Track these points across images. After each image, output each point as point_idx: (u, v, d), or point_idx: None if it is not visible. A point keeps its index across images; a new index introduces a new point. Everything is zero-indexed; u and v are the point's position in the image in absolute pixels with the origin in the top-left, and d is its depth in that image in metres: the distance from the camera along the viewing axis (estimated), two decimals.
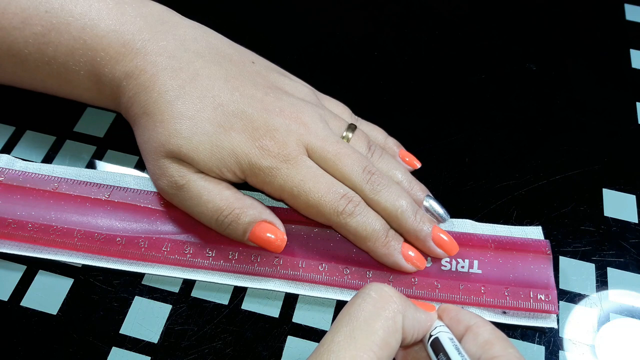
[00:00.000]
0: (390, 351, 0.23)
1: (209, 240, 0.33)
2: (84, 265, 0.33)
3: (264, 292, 0.32)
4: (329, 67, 0.43)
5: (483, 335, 0.25)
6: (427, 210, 0.33)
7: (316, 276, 0.32)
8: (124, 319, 0.31)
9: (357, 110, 0.37)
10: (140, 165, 0.37)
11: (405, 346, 0.26)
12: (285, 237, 0.32)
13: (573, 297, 0.33)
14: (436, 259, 0.33)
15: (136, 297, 0.32)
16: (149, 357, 0.30)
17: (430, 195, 0.34)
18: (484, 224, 0.35)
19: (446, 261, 0.33)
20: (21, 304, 0.32)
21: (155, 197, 0.34)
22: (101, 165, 0.37)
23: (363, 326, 0.23)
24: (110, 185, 0.35)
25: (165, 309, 0.32)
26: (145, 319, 0.31)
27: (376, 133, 0.37)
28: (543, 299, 0.31)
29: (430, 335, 0.25)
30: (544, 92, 0.42)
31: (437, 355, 0.24)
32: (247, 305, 0.32)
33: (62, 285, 0.32)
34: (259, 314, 0.32)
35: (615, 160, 0.38)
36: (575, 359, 0.31)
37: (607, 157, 0.38)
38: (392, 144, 0.37)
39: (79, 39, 0.32)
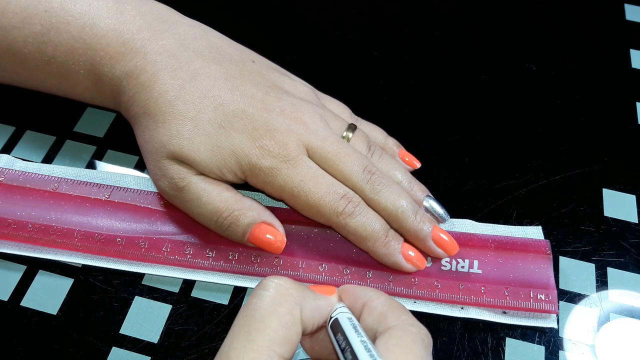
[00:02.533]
0: (292, 345, 0.23)
1: (209, 241, 0.33)
2: (84, 266, 0.33)
3: None
4: (329, 67, 0.43)
5: (377, 308, 0.24)
6: (427, 210, 0.33)
7: (316, 276, 0.32)
8: (124, 319, 0.31)
9: (357, 110, 0.37)
10: (141, 166, 0.37)
11: (310, 333, 0.26)
12: (284, 238, 0.32)
13: (573, 297, 0.33)
14: (436, 259, 0.33)
15: (136, 297, 0.32)
16: (149, 357, 0.30)
17: (430, 195, 0.34)
18: (484, 224, 0.35)
19: (446, 261, 0.33)
20: (21, 304, 0.32)
21: (155, 197, 0.34)
22: (101, 165, 0.37)
23: (260, 326, 0.22)
24: (111, 186, 0.35)
25: (165, 309, 0.32)
26: (145, 319, 0.31)
27: (376, 133, 0.37)
28: (543, 299, 0.31)
29: (330, 318, 0.25)
30: (544, 92, 0.42)
31: (335, 336, 0.24)
32: None
33: (62, 285, 0.32)
34: None
35: (615, 160, 0.38)
36: (575, 359, 0.31)
37: (607, 157, 0.38)
38: (392, 144, 0.37)
39: (78, 38, 0.32)
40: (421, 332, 0.23)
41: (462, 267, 0.32)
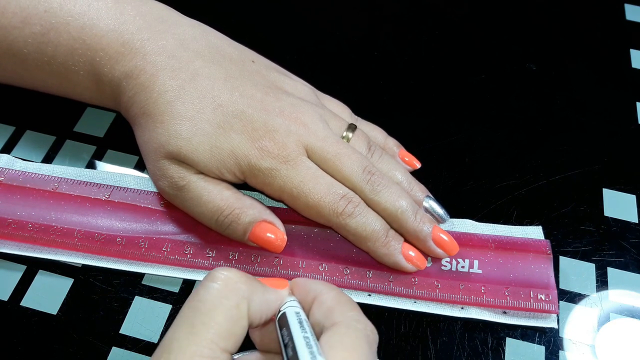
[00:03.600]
0: (237, 339, 0.22)
1: (209, 241, 0.33)
2: (84, 265, 0.33)
3: None
4: (329, 67, 0.43)
5: (326, 302, 0.24)
6: (427, 210, 0.33)
7: (316, 276, 0.32)
8: (124, 319, 0.31)
9: (357, 110, 0.37)
10: (140, 166, 0.37)
11: (260, 327, 0.26)
12: (285, 237, 0.32)
13: (573, 297, 0.33)
14: (436, 259, 0.33)
15: (136, 297, 0.32)
16: (149, 357, 0.30)
17: (430, 195, 0.34)
18: (484, 224, 0.35)
19: (446, 261, 0.33)
20: (21, 304, 0.32)
21: (155, 197, 0.34)
22: (101, 165, 0.37)
23: (204, 319, 0.22)
24: (111, 186, 0.35)
25: (165, 309, 0.32)
26: (145, 319, 0.31)
27: (376, 133, 0.37)
28: (543, 298, 0.31)
29: (279, 312, 0.25)
30: (544, 92, 0.42)
31: (281, 330, 0.23)
32: None
33: (62, 285, 0.32)
34: None
35: (615, 160, 0.38)
36: (575, 359, 0.31)
37: (607, 157, 0.38)
38: (392, 144, 0.37)
39: (78, 38, 0.32)
40: (367, 328, 0.23)
41: (463, 267, 0.32)
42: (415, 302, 0.32)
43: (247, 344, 0.24)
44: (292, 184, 0.31)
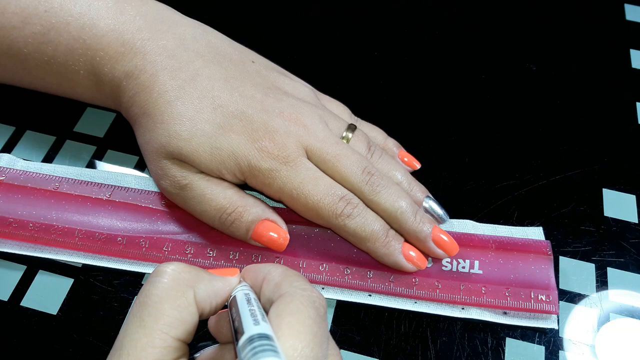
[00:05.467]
0: (187, 326, 0.23)
1: (210, 240, 0.33)
2: (84, 265, 0.33)
3: None
4: (329, 67, 0.43)
5: (273, 279, 0.24)
6: (427, 211, 0.33)
7: (317, 276, 0.32)
8: (124, 319, 0.31)
9: (357, 110, 0.37)
10: (140, 165, 0.37)
11: (216, 318, 0.26)
12: (287, 235, 0.32)
13: (573, 297, 0.33)
14: (437, 260, 0.33)
15: (136, 297, 0.32)
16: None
17: (430, 196, 0.34)
18: (484, 224, 0.35)
19: (447, 261, 0.33)
20: (21, 304, 0.32)
21: (156, 197, 0.34)
22: (101, 165, 0.37)
23: (152, 311, 0.22)
24: (112, 185, 0.35)
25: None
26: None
27: (376, 133, 0.37)
28: (544, 299, 0.31)
29: (230, 297, 0.25)
30: (544, 92, 0.42)
31: (231, 312, 0.24)
32: None
33: (62, 285, 0.32)
34: None
35: (615, 160, 0.38)
36: (575, 359, 0.31)
37: (607, 157, 0.38)
38: (391, 144, 0.37)
39: (78, 38, 0.32)
40: (313, 294, 0.23)
41: (463, 267, 0.32)
42: (415, 302, 0.32)
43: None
44: (291, 185, 0.31)
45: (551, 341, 0.31)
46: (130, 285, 0.32)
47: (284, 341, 0.21)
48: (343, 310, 0.32)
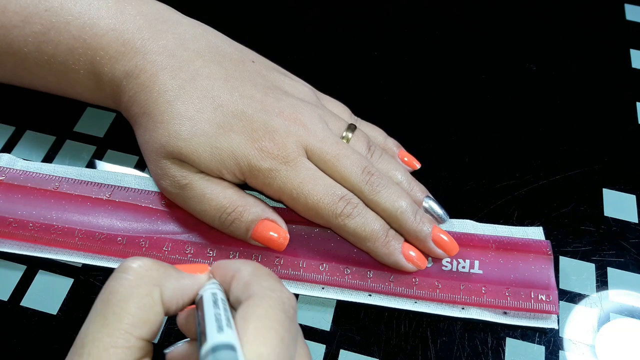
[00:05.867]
0: (152, 326, 0.22)
1: (210, 240, 0.33)
2: (84, 265, 0.33)
3: None
4: (329, 67, 0.43)
5: (243, 278, 0.24)
6: (427, 211, 0.33)
7: (317, 276, 0.32)
8: None
9: (357, 110, 0.37)
10: (140, 165, 0.37)
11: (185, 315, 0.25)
12: (287, 235, 0.32)
13: (573, 297, 0.33)
14: (437, 259, 0.33)
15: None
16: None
17: (430, 195, 0.34)
18: (484, 224, 0.35)
19: (447, 261, 0.33)
20: (21, 304, 0.32)
21: (156, 196, 0.34)
22: (101, 165, 0.37)
23: (116, 310, 0.21)
24: (112, 185, 0.35)
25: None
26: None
27: (376, 133, 0.37)
28: (544, 299, 0.31)
29: (198, 296, 0.24)
30: (544, 92, 0.42)
31: (197, 312, 0.23)
32: None
33: (62, 285, 0.32)
34: None
35: (615, 160, 0.38)
36: (575, 359, 0.31)
37: (607, 157, 0.38)
38: (391, 144, 0.37)
39: (78, 37, 0.32)
40: (282, 296, 0.23)
41: (463, 267, 0.32)
42: (415, 302, 0.32)
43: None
44: (291, 185, 0.31)
45: (551, 341, 0.31)
46: None
47: (249, 348, 0.20)
48: (343, 310, 0.32)
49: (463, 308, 0.31)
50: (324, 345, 0.31)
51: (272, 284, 0.23)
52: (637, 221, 0.36)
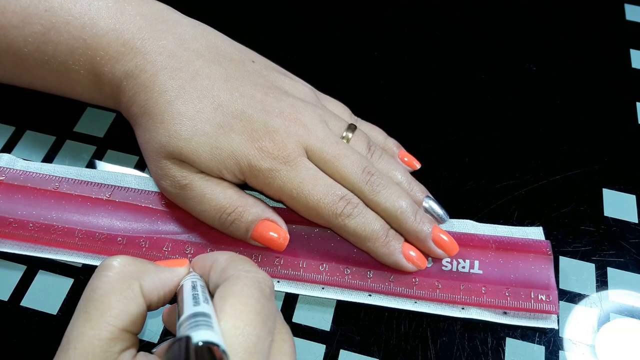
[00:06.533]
0: (135, 318, 0.23)
1: (210, 240, 0.33)
2: (84, 265, 0.33)
3: None
4: (329, 67, 0.43)
5: (220, 265, 0.25)
6: (427, 211, 0.33)
7: (317, 276, 0.32)
8: None
9: (357, 110, 0.37)
10: (140, 165, 0.37)
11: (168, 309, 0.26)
12: (287, 235, 0.32)
13: (573, 297, 0.33)
14: (437, 259, 0.33)
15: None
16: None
17: (430, 195, 0.34)
18: (484, 224, 0.35)
19: (447, 261, 0.33)
20: (21, 304, 0.32)
21: (156, 196, 0.34)
22: (101, 165, 0.37)
23: (98, 304, 0.22)
24: (112, 185, 0.35)
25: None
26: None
27: (376, 133, 0.37)
28: (544, 299, 0.31)
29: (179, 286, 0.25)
30: (544, 92, 0.42)
31: (177, 300, 0.24)
32: None
33: (62, 285, 0.32)
34: None
35: (615, 160, 0.38)
36: (575, 359, 0.31)
37: (607, 157, 0.38)
38: (391, 144, 0.37)
39: (78, 38, 0.32)
40: (257, 275, 0.24)
41: (463, 267, 0.32)
42: (415, 302, 0.32)
43: None
44: (291, 185, 0.31)
45: (551, 341, 0.31)
46: None
47: (226, 321, 0.21)
48: (343, 310, 0.32)
49: (463, 308, 0.32)
50: (324, 345, 0.31)
51: (247, 266, 0.24)
52: (637, 221, 0.36)
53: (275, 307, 0.24)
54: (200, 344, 0.20)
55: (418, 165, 0.37)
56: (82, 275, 0.33)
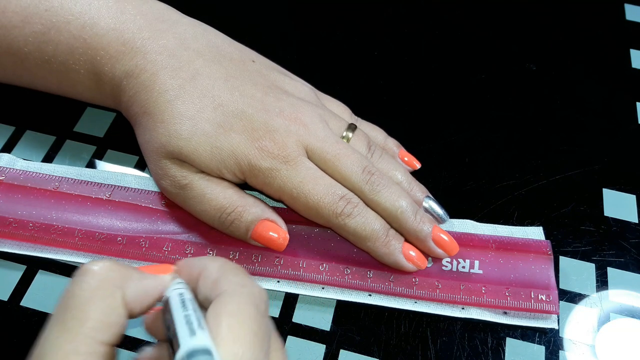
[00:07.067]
0: (115, 329, 0.21)
1: (210, 240, 0.33)
2: None
3: None
4: (329, 67, 0.43)
5: (211, 275, 0.23)
6: (427, 210, 0.33)
7: (317, 276, 0.32)
8: None
9: (357, 110, 0.37)
10: (140, 165, 0.37)
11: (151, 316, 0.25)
12: (287, 235, 0.32)
13: (573, 297, 0.33)
14: (437, 259, 0.33)
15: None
16: None
17: (430, 195, 0.34)
18: (484, 224, 0.35)
19: (447, 261, 0.33)
20: (21, 303, 0.32)
21: (156, 196, 0.34)
22: (101, 165, 0.37)
23: (77, 314, 0.20)
24: (112, 185, 0.35)
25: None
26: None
27: (376, 133, 0.37)
28: (544, 299, 0.31)
29: (164, 298, 0.24)
30: (544, 92, 0.42)
31: (165, 315, 0.23)
32: None
33: (62, 285, 0.32)
34: None
35: (615, 160, 0.38)
36: (575, 359, 0.31)
37: (607, 157, 0.38)
38: (392, 144, 0.37)
39: (78, 37, 0.32)
40: (253, 290, 0.22)
41: (463, 267, 0.32)
42: (415, 302, 0.32)
43: None
44: (291, 185, 0.31)
45: (551, 341, 0.31)
46: None
47: (224, 347, 0.20)
48: (343, 310, 0.32)
49: (463, 308, 0.32)
50: (324, 345, 0.31)
51: (241, 279, 0.23)
52: (637, 221, 0.36)
53: (270, 323, 0.23)
54: None
55: (418, 165, 0.37)
56: None
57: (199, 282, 0.23)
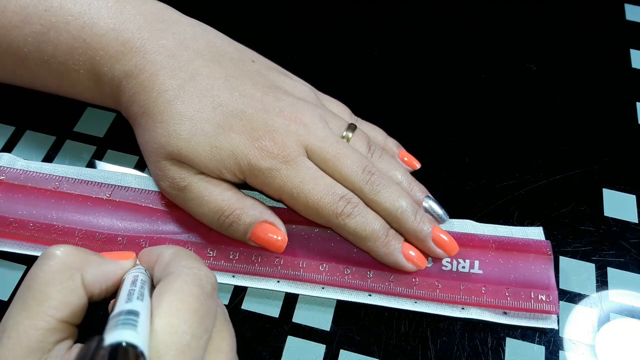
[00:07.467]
0: (74, 308, 0.23)
1: (210, 240, 0.33)
2: None
3: (264, 292, 0.32)
4: (329, 67, 0.43)
5: (164, 259, 0.25)
6: (427, 210, 0.33)
7: (317, 276, 0.32)
8: None
9: (357, 110, 0.37)
10: (140, 165, 0.37)
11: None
12: (286, 237, 0.32)
13: (573, 297, 0.33)
14: (437, 259, 0.33)
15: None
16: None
17: (430, 195, 0.34)
18: (484, 224, 0.35)
19: (447, 261, 0.33)
20: None
21: (156, 196, 0.34)
22: (101, 165, 0.37)
23: (37, 294, 0.22)
24: (112, 185, 0.35)
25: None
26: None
27: (376, 133, 0.37)
28: (544, 299, 0.31)
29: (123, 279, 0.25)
30: (544, 92, 0.42)
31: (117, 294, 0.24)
32: (247, 305, 0.32)
33: None
34: (259, 313, 0.32)
35: (615, 160, 0.38)
36: (575, 359, 0.31)
37: (607, 157, 0.38)
38: (391, 144, 0.37)
39: (78, 37, 0.32)
40: (200, 272, 0.24)
41: (463, 267, 0.32)
42: (415, 302, 0.32)
43: None
44: (291, 184, 0.31)
45: (551, 341, 0.31)
46: None
47: (161, 318, 0.21)
48: (343, 310, 0.32)
49: (463, 308, 0.32)
50: (324, 345, 0.31)
51: (190, 262, 0.24)
52: (637, 221, 0.36)
53: (217, 305, 0.24)
54: (118, 344, 0.20)
55: (418, 165, 0.37)
56: None
57: (154, 267, 0.25)
